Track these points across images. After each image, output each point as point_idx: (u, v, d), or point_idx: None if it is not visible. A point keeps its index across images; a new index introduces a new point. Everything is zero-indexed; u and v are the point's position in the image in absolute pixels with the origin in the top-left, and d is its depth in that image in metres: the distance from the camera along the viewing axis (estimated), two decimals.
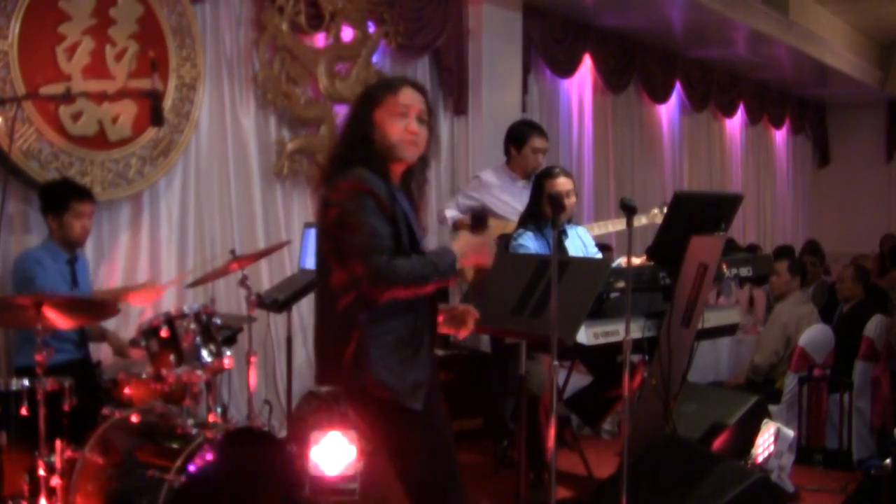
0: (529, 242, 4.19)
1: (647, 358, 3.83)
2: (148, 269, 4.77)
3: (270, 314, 4.70)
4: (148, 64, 4.42)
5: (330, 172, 2.62)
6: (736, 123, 10.72)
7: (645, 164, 8.95)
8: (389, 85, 2.68)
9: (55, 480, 3.22)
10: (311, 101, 5.46)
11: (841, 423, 5.02)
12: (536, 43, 7.10)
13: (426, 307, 2.63)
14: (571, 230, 4.44)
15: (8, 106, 3.78)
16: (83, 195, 3.98)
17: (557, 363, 2.96)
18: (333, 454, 2.70)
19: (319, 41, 5.58)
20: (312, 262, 3.07)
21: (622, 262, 4.03)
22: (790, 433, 4.29)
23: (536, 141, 4.99)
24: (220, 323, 3.67)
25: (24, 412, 3.25)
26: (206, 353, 3.53)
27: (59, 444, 3.24)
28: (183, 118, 4.76)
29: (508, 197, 5.02)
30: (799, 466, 4.52)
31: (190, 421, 3.38)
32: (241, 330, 4.25)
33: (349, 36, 5.69)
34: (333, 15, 5.55)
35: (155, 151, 4.64)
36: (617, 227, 5.25)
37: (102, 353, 4.41)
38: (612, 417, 5.06)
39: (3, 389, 3.29)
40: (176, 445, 3.21)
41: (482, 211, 5.01)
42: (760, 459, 4.19)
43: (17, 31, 4.07)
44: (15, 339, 4.01)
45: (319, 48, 5.55)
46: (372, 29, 5.81)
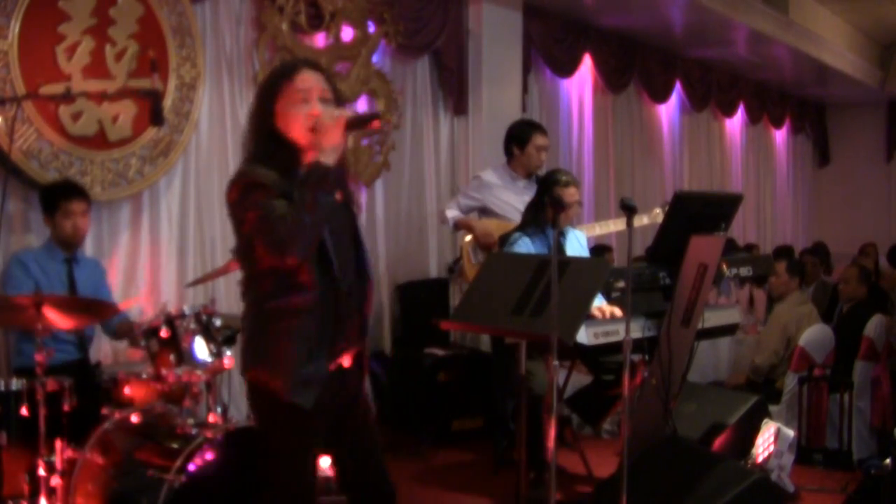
0: (524, 249, 4.22)
1: (647, 358, 3.83)
2: (148, 269, 4.76)
3: None
4: (148, 64, 4.42)
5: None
6: (736, 123, 10.73)
7: (645, 164, 8.95)
8: (284, 72, 2.54)
9: (55, 480, 3.23)
10: None
11: (841, 422, 5.01)
12: (536, 43, 7.10)
13: (342, 313, 2.48)
14: (570, 233, 4.49)
15: (8, 106, 3.78)
16: (71, 194, 3.95)
17: (557, 363, 2.96)
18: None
19: (319, 41, 5.58)
20: None
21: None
22: (790, 433, 4.29)
23: (539, 139, 5.03)
24: (220, 323, 3.67)
25: (24, 412, 3.24)
26: (205, 353, 3.54)
27: (59, 444, 3.24)
28: (183, 118, 4.76)
29: (509, 196, 5.03)
30: (799, 466, 4.52)
31: (190, 421, 3.38)
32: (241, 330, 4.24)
33: (349, 36, 5.69)
34: (333, 15, 5.55)
35: (155, 151, 4.64)
36: (617, 226, 5.27)
37: (102, 353, 4.42)
38: (612, 417, 5.07)
39: (3, 389, 3.29)
40: (176, 445, 3.21)
41: (375, 112, 4.91)
42: (760, 459, 4.20)
43: (17, 31, 4.07)
44: (15, 339, 4.00)
45: (319, 48, 5.55)
46: (372, 29, 5.82)
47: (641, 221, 4.75)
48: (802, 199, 12.51)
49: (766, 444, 4.22)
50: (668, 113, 9.36)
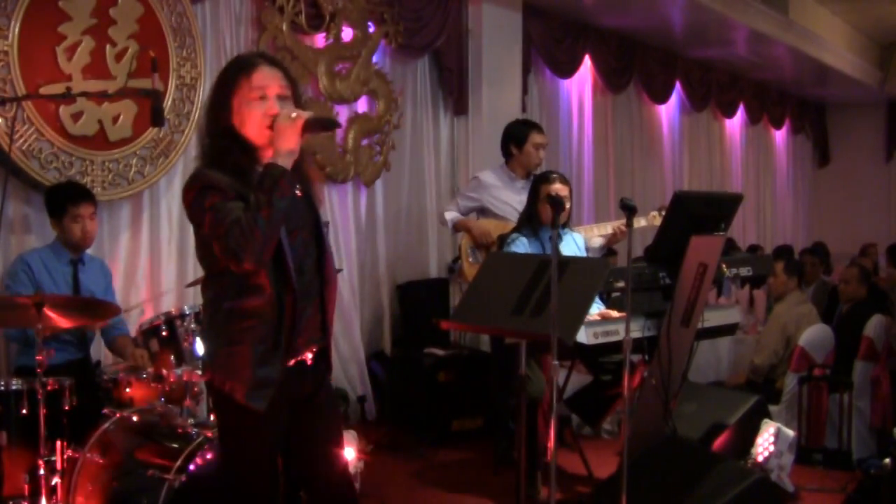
0: (521, 249, 4.21)
1: (646, 358, 3.83)
2: (148, 269, 4.76)
3: None
4: (148, 64, 4.41)
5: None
6: (736, 123, 10.73)
7: (645, 164, 8.95)
8: (242, 67, 2.44)
9: (55, 480, 3.23)
10: (310, 101, 5.46)
11: (841, 422, 5.01)
12: (536, 43, 7.10)
13: (299, 313, 2.43)
14: (566, 235, 4.45)
15: (8, 106, 3.77)
16: (78, 197, 3.91)
17: (557, 363, 2.96)
18: None
19: (319, 41, 5.58)
20: None
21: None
22: (790, 433, 4.29)
23: (536, 137, 5.05)
24: None
25: (24, 412, 3.24)
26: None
27: (59, 444, 3.24)
28: (183, 118, 4.76)
29: (508, 196, 5.03)
30: (799, 466, 4.52)
31: (190, 421, 3.39)
32: None
33: (349, 36, 5.69)
34: (333, 15, 5.55)
35: (155, 151, 4.64)
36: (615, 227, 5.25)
37: (103, 352, 4.41)
38: (612, 417, 5.07)
39: (3, 389, 3.29)
40: (176, 445, 3.21)
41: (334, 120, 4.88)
42: (760, 459, 4.20)
43: (17, 31, 4.07)
44: (14, 338, 4.00)
45: (319, 48, 5.56)
46: (372, 29, 5.82)
47: (639, 224, 4.75)
48: (802, 199, 12.52)
49: (765, 444, 4.22)
50: (667, 113, 9.37)
